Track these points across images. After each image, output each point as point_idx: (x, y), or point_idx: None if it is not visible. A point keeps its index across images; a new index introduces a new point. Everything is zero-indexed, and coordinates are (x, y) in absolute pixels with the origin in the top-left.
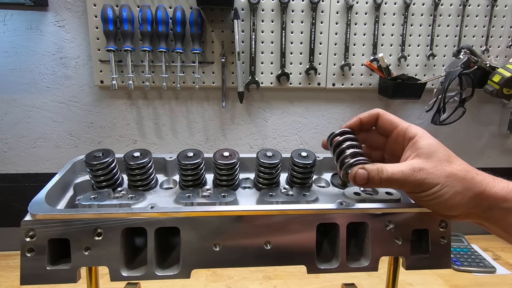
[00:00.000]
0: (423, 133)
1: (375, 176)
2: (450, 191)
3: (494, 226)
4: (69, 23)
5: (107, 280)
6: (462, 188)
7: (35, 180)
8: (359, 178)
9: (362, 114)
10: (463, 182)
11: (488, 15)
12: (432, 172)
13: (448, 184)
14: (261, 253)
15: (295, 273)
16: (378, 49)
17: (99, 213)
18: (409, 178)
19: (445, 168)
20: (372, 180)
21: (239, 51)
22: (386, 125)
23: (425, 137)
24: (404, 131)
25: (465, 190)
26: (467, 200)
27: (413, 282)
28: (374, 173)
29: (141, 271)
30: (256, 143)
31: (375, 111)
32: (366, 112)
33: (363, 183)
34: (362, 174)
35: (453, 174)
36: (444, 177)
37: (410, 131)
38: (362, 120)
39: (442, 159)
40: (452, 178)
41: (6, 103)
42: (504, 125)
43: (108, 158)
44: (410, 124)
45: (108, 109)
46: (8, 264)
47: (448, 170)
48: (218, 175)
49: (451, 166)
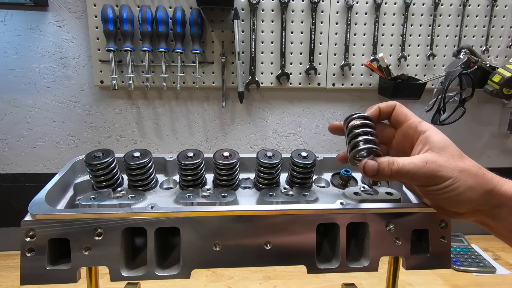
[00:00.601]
0: (435, 129)
1: (386, 168)
2: (462, 185)
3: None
4: (69, 23)
5: (107, 280)
6: (474, 183)
7: (35, 180)
8: (368, 169)
9: (381, 104)
10: (476, 178)
11: (488, 15)
12: (445, 165)
13: (461, 179)
14: (261, 253)
15: (295, 273)
16: (378, 49)
17: (99, 213)
18: (421, 170)
19: (458, 163)
20: (382, 172)
21: (239, 51)
22: (400, 116)
23: (437, 133)
24: (416, 125)
25: (477, 186)
26: (478, 196)
27: (413, 282)
28: (385, 164)
29: (141, 271)
30: (256, 143)
31: (393, 102)
32: (384, 102)
33: (372, 175)
34: (372, 165)
35: (466, 169)
36: (458, 171)
37: (422, 126)
38: (381, 109)
39: (455, 155)
40: (465, 173)
41: (6, 103)
42: (504, 125)
43: (108, 158)
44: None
45: (108, 109)
46: (8, 264)
47: (461, 165)
48: (218, 175)
49: (463, 161)
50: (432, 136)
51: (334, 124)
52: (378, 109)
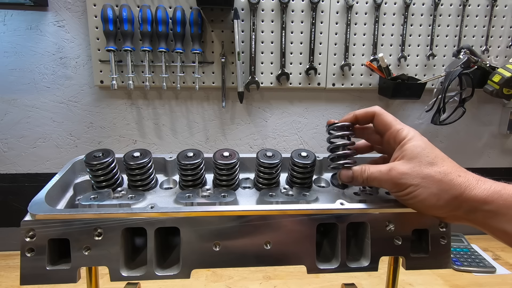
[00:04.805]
0: (413, 136)
1: (358, 176)
2: (424, 192)
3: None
4: (69, 23)
5: (107, 280)
6: (437, 190)
7: (35, 180)
8: (344, 177)
9: (358, 111)
10: (439, 184)
11: (488, 15)
12: (408, 173)
13: (423, 185)
14: (261, 253)
15: (295, 273)
16: (378, 49)
17: (99, 213)
18: (385, 177)
19: (423, 170)
20: (356, 179)
21: (239, 51)
22: (380, 126)
23: (414, 140)
24: (395, 134)
25: (441, 192)
26: (444, 202)
27: (413, 282)
28: (358, 173)
29: (141, 271)
30: (256, 143)
31: (372, 110)
32: (363, 109)
33: (348, 181)
34: (347, 173)
35: (429, 176)
36: (420, 178)
37: (401, 134)
38: (358, 117)
39: (423, 161)
40: (427, 179)
41: (6, 103)
42: (504, 125)
43: (108, 158)
44: (403, 126)
45: (108, 109)
46: (8, 264)
47: (425, 172)
48: (218, 175)
49: (430, 168)
50: (406, 144)
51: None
52: (353, 116)
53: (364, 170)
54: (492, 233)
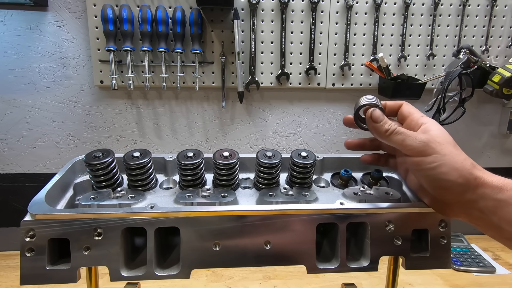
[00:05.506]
0: (435, 122)
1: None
2: (448, 164)
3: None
4: (69, 23)
5: (107, 280)
6: (461, 166)
7: (35, 180)
8: (375, 116)
9: (388, 101)
10: (463, 162)
11: (488, 15)
12: (438, 141)
13: (449, 158)
14: (261, 253)
15: (295, 273)
16: (378, 49)
17: (99, 213)
18: (413, 135)
19: (450, 147)
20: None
21: (239, 51)
22: (404, 112)
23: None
24: (418, 118)
25: (463, 169)
26: (464, 180)
27: (413, 282)
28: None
29: (141, 271)
30: (256, 143)
31: (400, 102)
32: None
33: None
34: (378, 114)
35: (457, 153)
36: (448, 150)
37: (423, 119)
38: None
39: (450, 142)
40: (454, 155)
41: (6, 103)
42: (504, 125)
43: (108, 158)
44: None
45: (108, 109)
46: (8, 264)
47: (452, 149)
48: (218, 175)
49: (456, 148)
50: (431, 126)
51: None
52: (384, 104)
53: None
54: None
